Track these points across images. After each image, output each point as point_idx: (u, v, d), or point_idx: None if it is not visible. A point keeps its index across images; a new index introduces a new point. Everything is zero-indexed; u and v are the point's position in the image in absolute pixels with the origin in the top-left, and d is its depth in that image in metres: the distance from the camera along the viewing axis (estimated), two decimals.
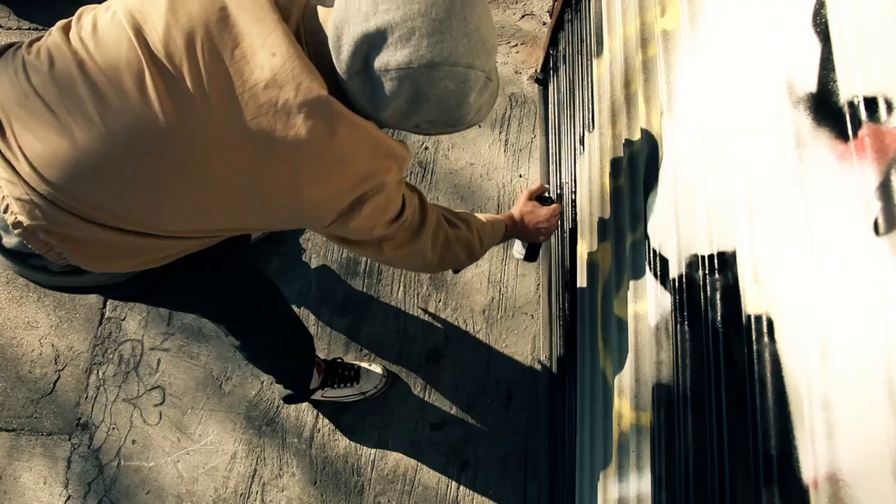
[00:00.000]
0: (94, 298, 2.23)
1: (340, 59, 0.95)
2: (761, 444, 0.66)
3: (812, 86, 0.61)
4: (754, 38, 0.74)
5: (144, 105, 0.93)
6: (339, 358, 2.06)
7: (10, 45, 1.06)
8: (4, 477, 2.08)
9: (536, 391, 2.04)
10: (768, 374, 0.66)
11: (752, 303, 0.70)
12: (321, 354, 2.04)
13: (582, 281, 1.53)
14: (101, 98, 0.94)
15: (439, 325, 2.14)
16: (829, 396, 0.56)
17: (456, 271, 1.81)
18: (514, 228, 1.56)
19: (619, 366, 1.19)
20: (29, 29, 2.69)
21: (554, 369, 1.91)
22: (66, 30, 1.01)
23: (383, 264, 1.24)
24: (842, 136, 0.55)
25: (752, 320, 0.69)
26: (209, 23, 0.94)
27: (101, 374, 2.16)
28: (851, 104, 0.54)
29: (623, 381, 1.16)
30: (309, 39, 1.01)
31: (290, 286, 2.18)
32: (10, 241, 1.03)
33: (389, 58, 0.91)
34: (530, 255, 1.73)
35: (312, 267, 2.22)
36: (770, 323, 0.67)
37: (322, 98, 0.94)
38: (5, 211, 0.99)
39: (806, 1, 0.63)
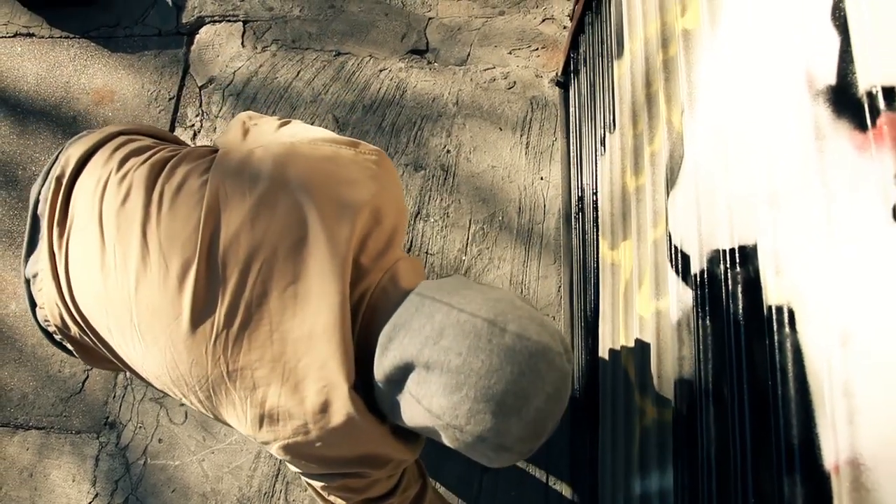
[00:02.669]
0: None
1: (381, 362, 0.86)
2: (783, 434, 0.67)
3: (831, 78, 0.62)
4: (774, 34, 0.75)
5: (177, 295, 0.89)
6: None
7: (116, 135, 1.08)
8: (35, 474, 2.13)
9: None
10: (790, 364, 0.67)
11: (774, 294, 0.71)
12: None
13: (604, 281, 1.54)
14: (146, 264, 0.91)
15: None
16: (850, 383, 0.57)
17: None
18: None
19: (642, 363, 1.20)
20: (61, 37, 2.75)
21: (575, 369, 1.92)
22: (158, 171, 0.98)
23: None
24: (860, 126, 0.56)
25: (774, 311, 0.70)
26: (280, 247, 0.88)
27: (128, 373, 2.20)
28: (870, 94, 0.55)
29: (645, 379, 1.17)
30: (367, 316, 0.93)
31: None
32: (39, 315, 1.06)
33: (424, 394, 0.82)
34: None
35: None
36: (791, 313, 0.68)
37: (341, 386, 0.85)
38: (39, 290, 1.03)
39: None
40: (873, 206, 0.54)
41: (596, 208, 1.67)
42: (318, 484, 1.02)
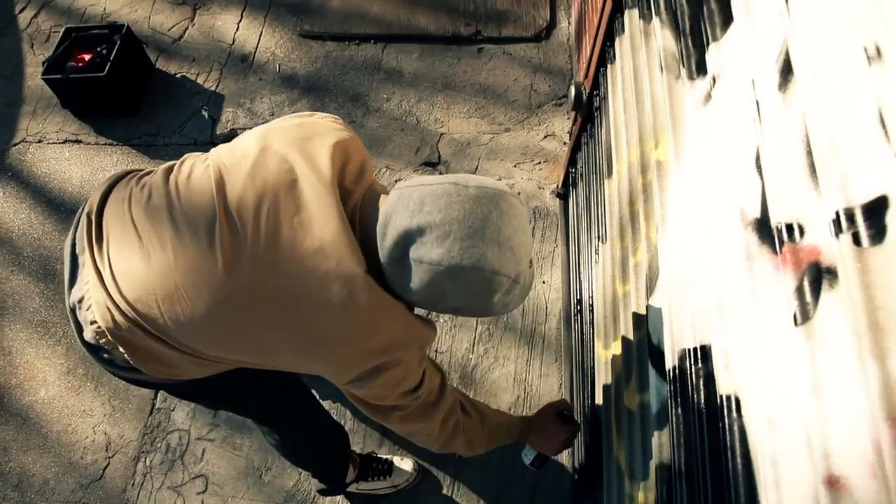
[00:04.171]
0: (146, 390, 2.40)
1: (383, 246, 1.08)
2: (734, 502, 0.80)
3: (757, 212, 0.79)
4: (718, 172, 0.93)
5: (209, 249, 1.08)
6: (374, 452, 2.18)
7: (127, 173, 1.29)
8: None
9: (560, 485, 2.12)
10: (738, 444, 0.80)
11: (724, 386, 0.86)
12: (356, 449, 2.16)
13: (599, 378, 1.67)
14: (179, 236, 1.11)
15: None
16: (775, 456, 0.70)
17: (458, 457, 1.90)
18: (527, 436, 1.65)
19: (630, 452, 1.32)
20: (105, 144, 3.02)
21: (576, 463, 2.01)
22: (168, 172, 1.21)
23: (390, 429, 1.36)
24: (774, 251, 0.73)
25: (724, 400, 0.85)
26: (279, 190, 1.10)
27: (148, 461, 2.29)
28: (777, 228, 0.71)
29: (634, 467, 1.29)
30: (362, 221, 1.14)
31: (329, 385, 2.32)
32: (88, 334, 1.20)
33: (424, 253, 1.03)
34: (536, 464, 1.72)
35: None
36: (738, 401, 0.82)
37: (357, 275, 1.05)
38: (87, 308, 1.17)
39: (751, 146, 0.82)
40: (783, 314, 0.69)
41: (592, 311, 1.82)
42: (362, 392, 1.21)
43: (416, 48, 3.19)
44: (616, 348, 1.49)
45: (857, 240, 0.56)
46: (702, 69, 1.02)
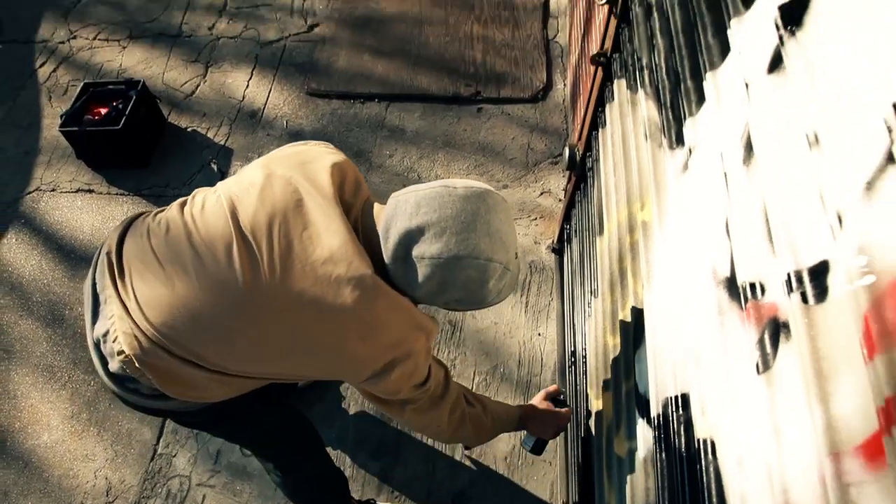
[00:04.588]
0: (148, 435, 2.45)
1: (387, 247, 1.21)
2: None
3: (727, 272, 0.88)
4: (695, 234, 1.02)
5: (229, 268, 1.19)
6: (372, 499, 2.22)
7: (140, 214, 1.39)
8: None
9: None
10: (713, 485, 0.87)
11: (701, 430, 0.93)
12: (355, 495, 2.19)
13: (592, 427, 1.73)
14: (199, 259, 1.21)
15: (465, 470, 2.30)
16: (744, 493, 0.77)
17: (466, 448, 2.01)
18: (525, 422, 1.77)
19: (621, 499, 1.37)
20: (117, 194, 3.13)
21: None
22: (182, 205, 1.33)
23: (403, 425, 1.49)
24: (741, 307, 0.81)
25: (701, 443, 0.92)
26: (287, 209, 1.22)
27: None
28: (743, 286, 0.80)
29: None
30: (364, 230, 1.28)
31: (330, 430, 2.38)
32: (114, 365, 1.28)
33: (425, 249, 1.17)
34: (536, 449, 1.84)
35: (350, 413, 2.44)
36: (713, 444, 0.89)
37: (367, 276, 1.16)
38: (114, 340, 1.25)
39: (722, 212, 0.91)
40: (748, 364, 0.77)
41: (585, 362, 1.89)
42: (378, 388, 1.31)
43: (418, 107, 3.34)
44: (607, 399, 1.56)
45: (804, 298, 0.65)
46: (680, 140, 1.12)
